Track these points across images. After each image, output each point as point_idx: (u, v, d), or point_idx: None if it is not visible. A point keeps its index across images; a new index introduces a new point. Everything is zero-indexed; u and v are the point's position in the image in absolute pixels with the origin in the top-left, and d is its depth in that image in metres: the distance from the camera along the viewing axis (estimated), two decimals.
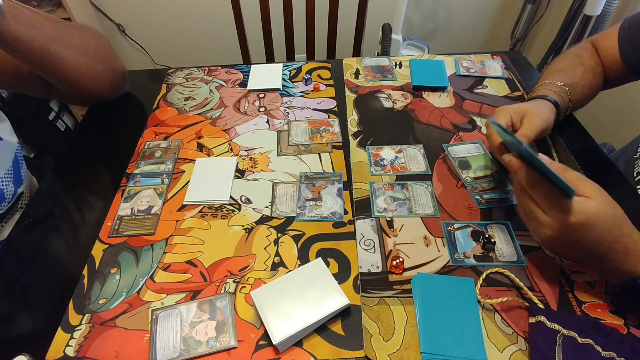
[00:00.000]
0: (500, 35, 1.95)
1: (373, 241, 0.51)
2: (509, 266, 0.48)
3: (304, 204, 0.56)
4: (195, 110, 0.73)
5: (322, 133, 0.67)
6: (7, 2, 0.50)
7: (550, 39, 1.60)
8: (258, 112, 0.72)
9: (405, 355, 0.41)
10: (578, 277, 0.46)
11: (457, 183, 0.58)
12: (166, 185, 0.59)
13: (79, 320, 0.44)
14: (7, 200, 0.60)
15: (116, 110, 0.75)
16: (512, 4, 1.82)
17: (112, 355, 0.42)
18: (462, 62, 0.81)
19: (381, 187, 0.57)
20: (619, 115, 1.41)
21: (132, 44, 1.87)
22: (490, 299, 0.44)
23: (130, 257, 0.50)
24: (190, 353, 0.41)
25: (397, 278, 0.47)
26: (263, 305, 0.43)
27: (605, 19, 1.36)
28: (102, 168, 0.65)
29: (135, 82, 0.79)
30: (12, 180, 0.61)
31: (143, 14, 1.76)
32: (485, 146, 0.63)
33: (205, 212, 0.55)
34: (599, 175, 0.58)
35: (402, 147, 0.64)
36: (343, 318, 0.44)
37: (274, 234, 0.52)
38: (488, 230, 0.51)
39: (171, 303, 0.46)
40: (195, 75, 0.81)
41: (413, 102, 0.73)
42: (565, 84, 0.59)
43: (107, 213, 0.56)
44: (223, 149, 0.65)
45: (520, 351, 0.40)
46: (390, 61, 0.83)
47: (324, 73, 0.81)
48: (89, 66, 0.64)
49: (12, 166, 0.62)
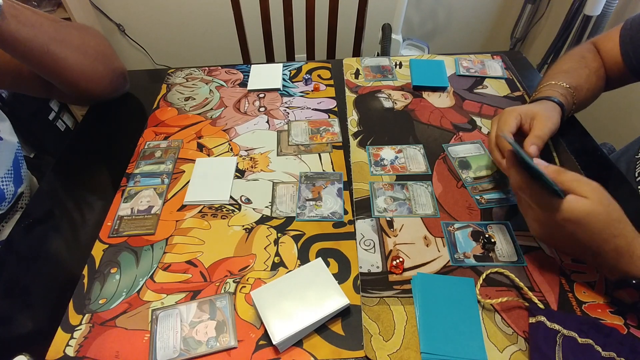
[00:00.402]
0: (500, 35, 1.95)
1: (373, 241, 0.51)
2: (509, 266, 0.48)
3: (304, 204, 0.56)
4: (195, 110, 0.73)
5: (322, 133, 0.67)
6: (7, 2, 0.50)
7: (550, 39, 1.60)
8: (258, 112, 0.72)
9: (405, 355, 0.41)
10: (578, 277, 0.46)
11: (457, 183, 0.58)
12: (166, 185, 0.59)
13: (79, 320, 0.45)
14: (7, 200, 0.60)
15: (116, 110, 0.75)
16: (512, 4, 1.82)
17: (112, 355, 0.42)
18: (462, 62, 0.81)
19: (381, 187, 0.57)
20: (620, 115, 1.41)
21: (132, 44, 1.87)
22: (490, 299, 0.44)
23: (130, 257, 0.50)
24: (190, 353, 0.41)
25: (397, 278, 0.47)
26: (263, 305, 0.43)
27: (605, 19, 1.36)
28: (102, 168, 0.65)
29: (135, 82, 0.79)
30: (12, 180, 0.61)
31: (143, 14, 1.76)
32: (485, 146, 0.63)
33: (205, 212, 0.55)
34: (599, 175, 0.58)
35: (402, 147, 0.64)
36: (343, 318, 0.44)
37: (274, 234, 0.52)
38: (488, 230, 0.51)
39: (171, 303, 0.46)
40: (195, 75, 0.81)
41: (413, 102, 0.73)
42: (570, 86, 0.59)
43: (107, 213, 0.56)
44: (223, 149, 0.65)
45: (520, 351, 0.41)
46: (390, 61, 0.83)
47: (324, 73, 0.81)
48: (89, 66, 0.64)
49: (12, 166, 0.62)
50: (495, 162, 0.54)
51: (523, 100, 0.72)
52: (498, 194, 0.56)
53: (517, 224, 0.52)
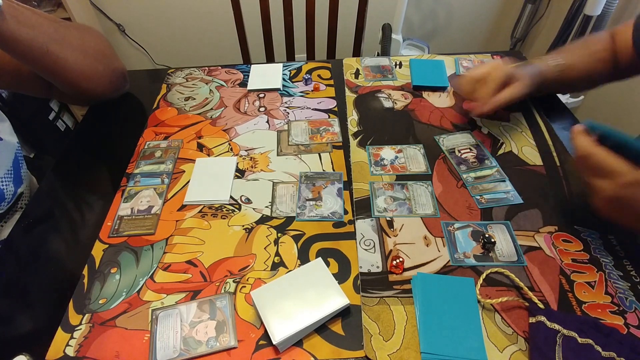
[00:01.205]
0: (500, 35, 1.95)
1: (373, 241, 0.51)
2: (509, 266, 0.48)
3: (304, 204, 0.56)
4: (195, 110, 0.73)
5: (322, 133, 0.67)
6: (6, 2, 0.50)
7: (550, 39, 1.60)
8: (258, 112, 0.72)
9: (405, 355, 0.41)
10: (578, 277, 0.46)
11: (457, 183, 0.58)
12: (166, 185, 0.59)
13: (79, 320, 0.45)
14: (7, 200, 0.60)
15: (116, 110, 0.75)
16: (512, 4, 1.82)
17: (112, 355, 0.42)
18: (462, 62, 0.81)
19: (381, 187, 0.57)
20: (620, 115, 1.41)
21: (132, 44, 1.87)
22: (490, 299, 0.44)
23: (130, 257, 0.50)
24: (190, 353, 0.41)
25: (397, 278, 0.47)
26: (263, 305, 0.43)
27: (605, 19, 1.36)
28: (102, 168, 0.65)
29: (135, 82, 0.78)
30: (12, 180, 0.61)
31: (143, 14, 1.76)
32: (485, 146, 0.63)
33: (205, 212, 0.55)
34: None
35: (402, 147, 0.64)
36: (343, 318, 0.44)
37: (274, 234, 0.52)
38: (488, 230, 0.51)
39: (171, 303, 0.46)
40: (195, 75, 0.81)
41: (413, 102, 0.73)
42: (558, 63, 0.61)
43: (107, 213, 0.56)
44: (223, 149, 0.65)
45: (520, 351, 0.41)
46: (390, 61, 0.83)
47: (324, 73, 0.81)
48: (89, 66, 0.63)
49: (12, 166, 0.62)
50: (460, 91, 0.64)
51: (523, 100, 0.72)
52: (498, 194, 0.56)
53: (517, 224, 0.52)
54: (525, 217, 0.53)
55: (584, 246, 0.49)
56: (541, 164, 0.60)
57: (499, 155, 0.61)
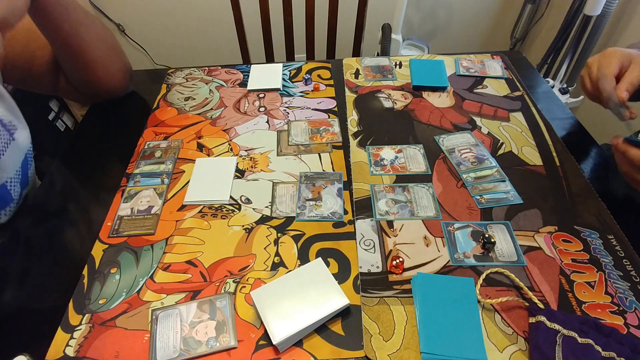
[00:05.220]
0: (500, 35, 1.95)
1: (373, 241, 0.51)
2: (509, 266, 0.48)
3: (304, 204, 0.56)
4: (195, 110, 0.73)
5: (322, 133, 0.67)
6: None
7: (550, 39, 1.60)
8: (258, 112, 0.72)
9: (405, 355, 0.41)
10: (578, 277, 0.46)
11: (457, 183, 0.58)
12: (166, 185, 0.59)
13: (79, 320, 0.44)
14: (15, 201, 0.59)
15: (116, 110, 0.75)
16: (512, 4, 1.82)
17: (112, 355, 0.42)
18: (462, 62, 0.81)
19: (382, 190, 0.57)
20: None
21: (132, 44, 1.87)
22: (490, 299, 0.44)
23: (130, 257, 0.50)
24: (190, 353, 0.41)
25: (397, 278, 0.47)
26: (263, 305, 0.43)
27: (605, 19, 1.36)
28: (102, 168, 0.65)
29: (135, 82, 0.78)
30: (19, 182, 0.61)
31: (143, 14, 1.76)
32: (485, 146, 0.63)
33: (205, 212, 0.55)
34: (599, 176, 0.58)
35: (402, 147, 0.64)
36: (343, 318, 0.44)
37: (274, 234, 0.52)
38: (488, 230, 0.51)
39: (171, 303, 0.46)
40: (195, 75, 0.81)
41: (413, 102, 0.73)
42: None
43: (107, 213, 0.56)
44: (223, 149, 0.65)
45: (520, 351, 0.41)
46: (390, 61, 0.83)
47: (324, 73, 0.81)
48: (108, 58, 0.66)
49: (20, 167, 0.62)
50: (588, 95, 0.59)
51: (523, 100, 0.72)
52: (498, 194, 0.56)
53: (517, 224, 0.52)
54: (525, 217, 0.53)
55: (583, 246, 0.49)
56: (541, 164, 0.60)
57: (498, 155, 0.61)
